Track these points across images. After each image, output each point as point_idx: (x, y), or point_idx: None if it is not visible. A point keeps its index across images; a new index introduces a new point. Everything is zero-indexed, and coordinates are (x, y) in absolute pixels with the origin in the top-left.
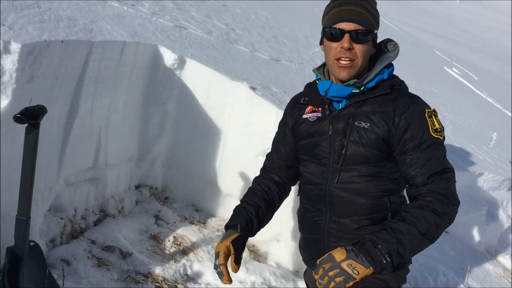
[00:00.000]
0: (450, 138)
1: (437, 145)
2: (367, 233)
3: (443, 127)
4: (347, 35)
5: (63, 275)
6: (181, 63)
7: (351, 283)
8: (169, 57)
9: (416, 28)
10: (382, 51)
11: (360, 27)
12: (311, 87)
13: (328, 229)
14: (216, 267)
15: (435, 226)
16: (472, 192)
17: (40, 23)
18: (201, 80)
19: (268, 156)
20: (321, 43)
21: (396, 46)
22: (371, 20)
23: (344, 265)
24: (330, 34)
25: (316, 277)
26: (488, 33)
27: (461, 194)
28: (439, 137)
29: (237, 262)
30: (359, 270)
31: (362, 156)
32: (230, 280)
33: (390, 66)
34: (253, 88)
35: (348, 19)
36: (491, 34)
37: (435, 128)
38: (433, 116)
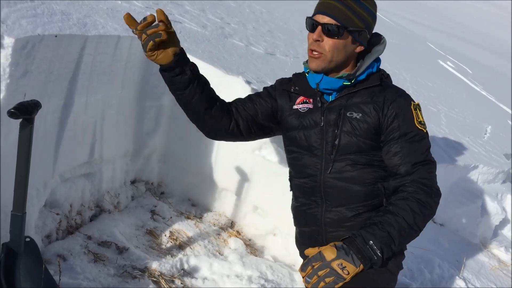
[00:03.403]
0: (445, 131)
1: (421, 136)
2: (363, 219)
3: (425, 122)
4: (319, 28)
5: (59, 271)
6: None
7: (340, 284)
8: None
9: (410, 21)
10: (371, 45)
11: (333, 21)
12: (300, 77)
13: (325, 219)
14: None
15: (422, 217)
16: (467, 185)
17: (33, 17)
18: None
19: (238, 100)
20: None
21: (383, 40)
22: (349, 16)
23: (335, 265)
24: (307, 25)
25: (302, 274)
26: (483, 26)
27: (456, 187)
28: (423, 129)
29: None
30: (349, 270)
31: (356, 146)
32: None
33: (378, 60)
34: (248, 82)
35: (323, 12)
36: (486, 27)
37: (419, 120)
38: (417, 109)
